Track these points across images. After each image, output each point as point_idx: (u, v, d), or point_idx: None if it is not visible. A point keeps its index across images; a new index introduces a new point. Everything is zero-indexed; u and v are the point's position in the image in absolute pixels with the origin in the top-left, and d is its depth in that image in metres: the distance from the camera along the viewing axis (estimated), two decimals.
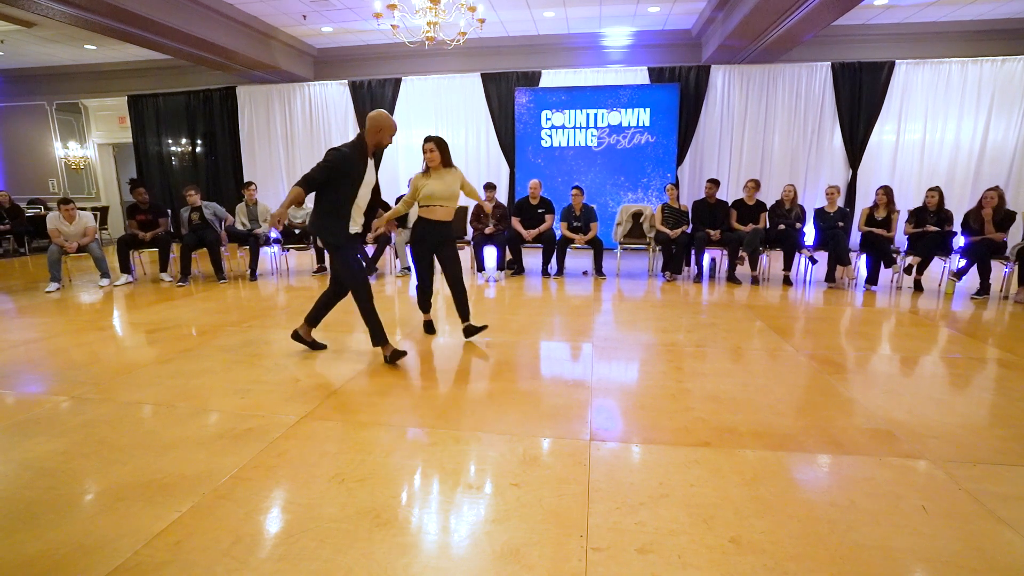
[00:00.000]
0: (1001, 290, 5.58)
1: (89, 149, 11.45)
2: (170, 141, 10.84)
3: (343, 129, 10.07)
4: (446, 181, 3.67)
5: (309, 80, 10.13)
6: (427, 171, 3.70)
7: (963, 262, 5.63)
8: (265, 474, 2.12)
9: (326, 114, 10.09)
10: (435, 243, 3.80)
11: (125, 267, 6.31)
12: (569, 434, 2.46)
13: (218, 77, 10.09)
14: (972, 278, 5.60)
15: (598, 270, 6.58)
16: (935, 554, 1.66)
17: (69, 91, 11.12)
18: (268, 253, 7.17)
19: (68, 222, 6.10)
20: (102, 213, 10.61)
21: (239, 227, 6.81)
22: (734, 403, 2.80)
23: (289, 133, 10.28)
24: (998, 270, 5.66)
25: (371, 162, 3.33)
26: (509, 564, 1.62)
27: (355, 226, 3.35)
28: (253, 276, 6.55)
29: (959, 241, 5.75)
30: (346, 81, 9.91)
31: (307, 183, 3.12)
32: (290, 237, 6.94)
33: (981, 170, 8.53)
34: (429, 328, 4.17)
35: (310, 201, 3.36)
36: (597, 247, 6.56)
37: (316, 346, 3.71)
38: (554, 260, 6.65)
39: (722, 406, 2.75)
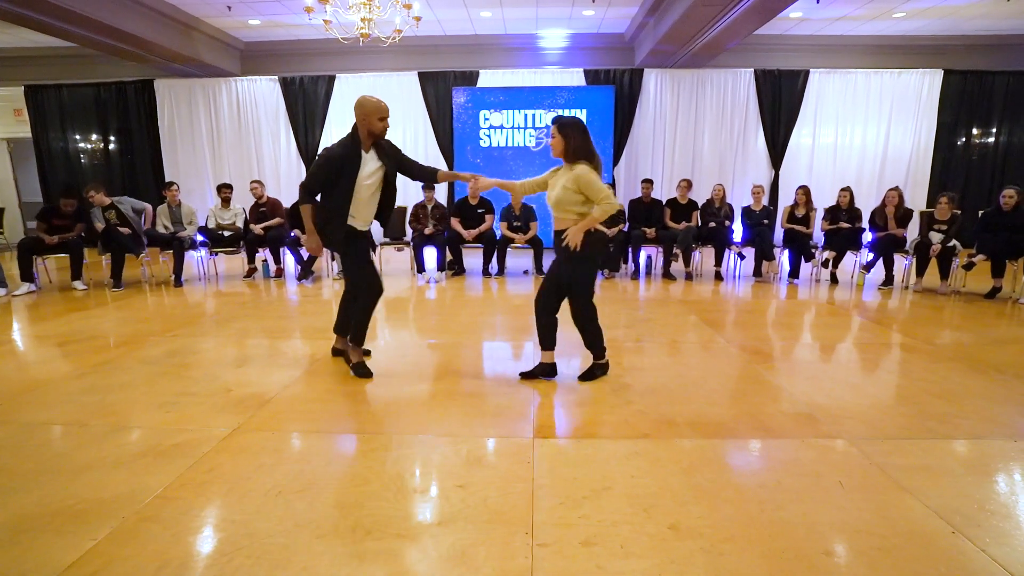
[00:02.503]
0: (903, 281, 6.11)
1: None
2: (78, 137, 9.96)
3: (274, 127, 9.65)
4: (556, 183, 2.91)
5: (236, 75, 9.62)
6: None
7: (871, 256, 6.14)
8: (194, 492, 1.99)
9: (255, 111, 9.63)
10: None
11: (27, 275, 5.74)
12: (513, 433, 2.48)
13: (133, 68, 9.36)
14: (879, 270, 6.11)
15: (539, 269, 6.65)
16: (851, 524, 1.80)
17: None
18: (194, 257, 6.75)
19: None
20: None
21: (161, 230, 6.38)
22: (671, 395, 2.91)
23: (215, 130, 9.72)
24: (900, 263, 6.20)
25: (370, 154, 2.99)
26: (455, 566, 1.61)
27: (362, 224, 3.07)
28: (178, 282, 6.15)
29: (867, 237, 6.26)
30: (276, 77, 9.50)
31: (306, 193, 2.97)
32: (219, 240, 6.57)
33: (884, 171, 9.33)
34: (550, 370, 3.14)
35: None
36: (537, 246, 6.63)
37: (362, 371, 3.19)
38: (495, 260, 6.67)
39: (660, 398, 2.86)
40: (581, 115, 8.80)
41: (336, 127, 9.46)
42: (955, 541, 1.71)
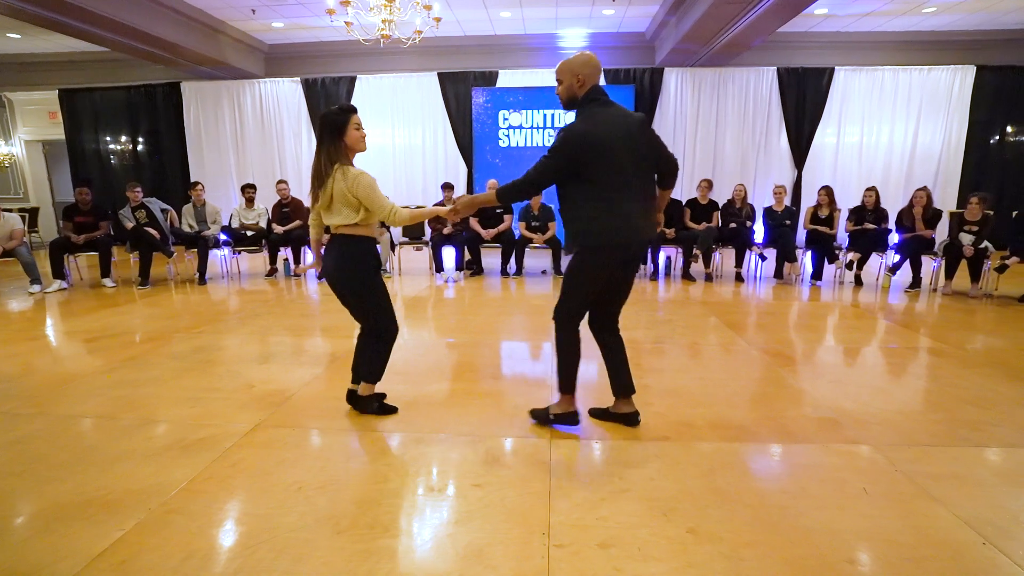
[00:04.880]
0: (931, 283, 5.95)
1: (15, 146, 10.68)
2: (109, 139, 10.24)
3: (296, 128, 9.79)
4: None
5: (260, 77, 9.80)
6: None
7: (897, 257, 5.99)
8: (218, 485, 2.04)
9: (278, 112, 9.78)
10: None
11: (58, 272, 5.92)
12: (531, 433, 2.47)
13: (161, 72, 9.60)
14: (906, 272, 5.95)
15: (557, 269, 6.64)
16: (876, 533, 1.76)
17: None
18: (218, 256, 6.88)
19: None
20: (31, 215, 9.92)
21: (186, 228, 6.52)
22: (691, 397, 2.88)
23: (239, 132, 9.90)
24: (928, 265, 6.04)
25: None
26: (473, 565, 1.61)
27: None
28: (202, 280, 6.29)
29: (894, 238, 6.11)
30: (299, 79, 9.64)
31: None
32: (242, 239, 6.70)
33: (912, 171, 9.09)
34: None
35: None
36: (555, 246, 6.62)
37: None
38: (513, 260, 6.67)
39: (680, 400, 2.83)
40: None
41: None
42: (987, 553, 1.66)
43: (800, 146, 9.19)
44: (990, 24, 8.53)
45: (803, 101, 9.06)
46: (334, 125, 2.36)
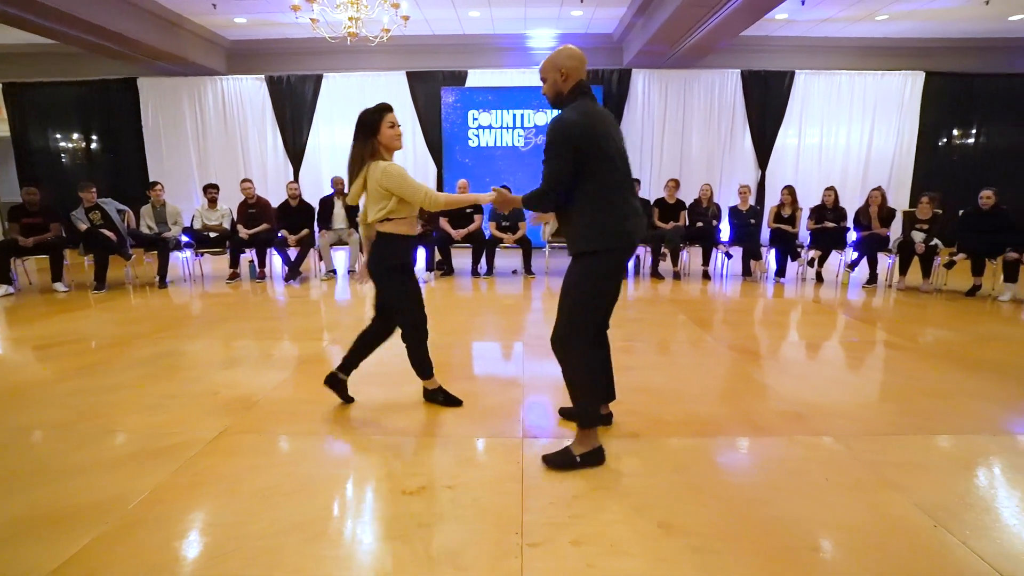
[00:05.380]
0: (886, 279, 6.21)
1: None
2: (59, 136, 9.80)
3: (261, 126, 9.56)
4: None
5: (222, 74, 9.52)
6: None
7: (855, 255, 6.23)
8: (183, 495, 1.97)
9: (242, 110, 9.53)
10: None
11: (4, 277, 5.62)
12: (503, 433, 2.48)
13: (116, 67, 9.21)
14: (863, 269, 6.20)
15: (527, 269, 6.66)
16: (837, 520, 1.82)
17: None
18: (180, 258, 6.66)
19: None
20: None
21: (145, 230, 6.29)
22: (661, 394, 2.93)
23: (201, 130, 9.61)
24: (884, 261, 6.29)
25: None
26: (445, 567, 1.61)
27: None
28: (163, 283, 6.07)
29: (852, 236, 6.35)
30: (263, 76, 9.41)
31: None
32: (205, 241, 6.49)
33: (868, 171, 9.47)
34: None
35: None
36: (526, 246, 6.64)
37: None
38: (484, 260, 6.67)
39: (650, 397, 2.87)
40: None
41: (324, 126, 9.40)
42: (938, 535, 1.75)
43: (763, 147, 9.45)
44: (938, 32, 8.95)
45: (766, 103, 9.32)
46: (368, 124, 2.44)
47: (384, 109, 2.46)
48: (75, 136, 9.82)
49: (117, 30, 7.10)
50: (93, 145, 9.81)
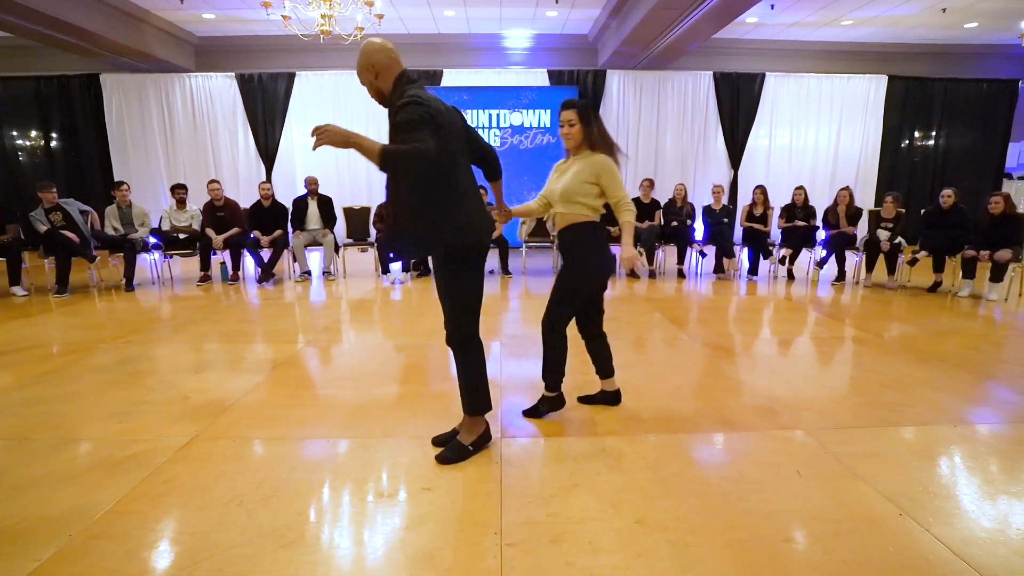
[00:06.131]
0: (854, 276, 6.39)
1: None
2: (15, 133, 9.42)
3: (232, 125, 9.34)
4: (566, 170, 2.46)
5: (190, 71, 9.28)
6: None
7: (824, 252, 6.40)
8: (150, 504, 1.91)
9: (211, 108, 9.30)
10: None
11: None
12: None
13: (77, 62, 8.89)
14: (831, 266, 6.37)
15: (504, 269, 6.67)
16: (808, 512, 1.87)
17: None
18: (148, 260, 6.47)
19: None
20: None
21: (110, 231, 6.09)
22: (637, 392, 2.96)
23: (168, 128, 9.34)
24: (851, 259, 6.48)
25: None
26: (424, 570, 1.59)
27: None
28: (130, 286, 5.89)
29: (821, 234, 6.52)
30: (233, 73, 9.20)
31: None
32: (173, 243, 6.32)
33: (836, 171, 9.75)
34: (557, 403, 2.63)
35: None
36: (502, 246, 6.64)
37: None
38: None
39: (626, 395, 2.90)
40: (545, 115, 8.88)
41: (297, 125, 9.24)
42: (902, 523, 1.80)
43: (736, 147, 9.64)
44: (899, 38, 9.26)
45: (737, 104, 9.51)
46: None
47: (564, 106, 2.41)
48: (33, 134, 9.45)
49: (75, 23, 6.82)
50: (53, 143, 9.46)
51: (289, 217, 6.57)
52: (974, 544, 1.69)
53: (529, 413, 2.64)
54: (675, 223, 6.74)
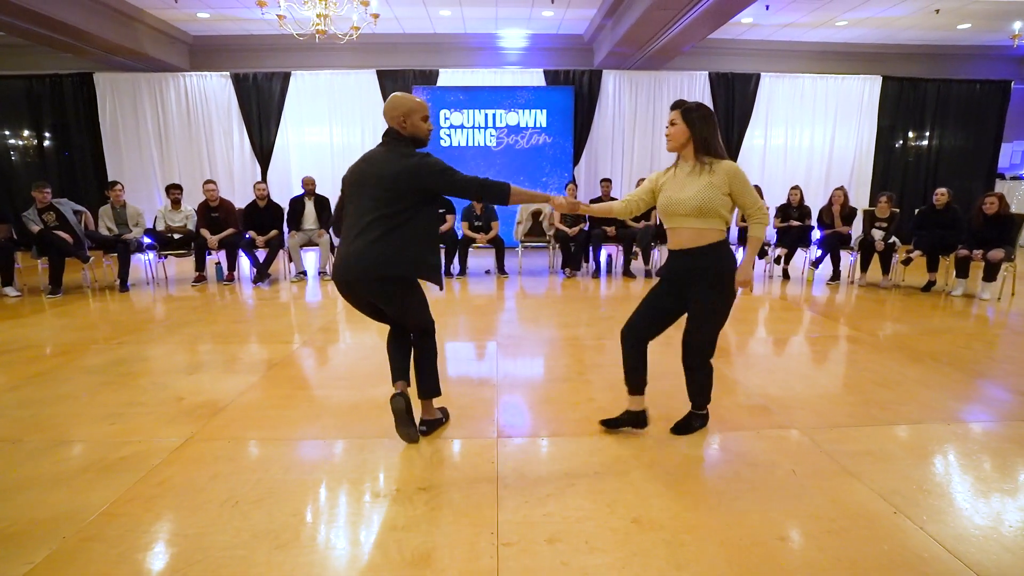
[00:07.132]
0: (848, 276, 6.42)
1: None
2: (7, 132, 9.34)
3: (227, 125, 9.30)
4: (688, 184, 2.24)
5: (185, 70, 9.22)
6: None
7: (819, 252, 6.42)
8: (143, 507, 1.90)
9: (206, 108, 9.25)
10: (676, 281, 2.47)
11: None
12: (476, 433, 2.47)
13: (70, 61, 8.82)
14: (826, 266, 6.39)
15: (500, 269, 6.66)
16: (802, 510, 1.88)
17: None
18: (142, 260, 6.44)
19: None
20: None
21: (104, 231, 6.05)
22: None
23: (162, 127, 9.28)
24: (846, 259, 6.51)
25: None
26: (420, 570, 1.59)
27: None
28: (124, 287, 5.85)
29: (816, 234, 6.55)
30: (228, 73, 9.16)
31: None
32: (168, 243, 6.28)
33: (831, 171, 9.78)
34: (639, 420, 2.50)
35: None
36: (499, 246, 6.64)
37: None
38: (456, 260, 6.64)
39: (621, 395, 2.88)
40: (541, 115, 8.88)
41: (292, 125, 9.21)
42: (896, 521, 1.81)
43: (731, 147, 9.65)
44: (893, 39, 9.31)
45: (733, 104, 9.53)
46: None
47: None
48: (26, 133, 9.38)
49: (67, 22, 6.76)
50: (46, 143, 9.39)
51: (285, 217, 6.55)
52: (967, 541, 1.70)
53: (679, 429, 2.50)
54: None
